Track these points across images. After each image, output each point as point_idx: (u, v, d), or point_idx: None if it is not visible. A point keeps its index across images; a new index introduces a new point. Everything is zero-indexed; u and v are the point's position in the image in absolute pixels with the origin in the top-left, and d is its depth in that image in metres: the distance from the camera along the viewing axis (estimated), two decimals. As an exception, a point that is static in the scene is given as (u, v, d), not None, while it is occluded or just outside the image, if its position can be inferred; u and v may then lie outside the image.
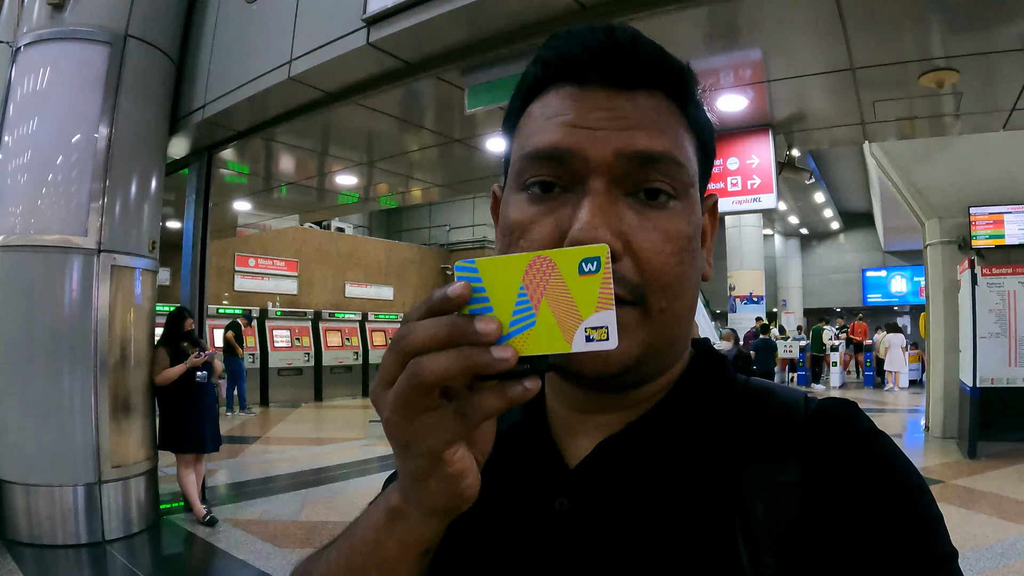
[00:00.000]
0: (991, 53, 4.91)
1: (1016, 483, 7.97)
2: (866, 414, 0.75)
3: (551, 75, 0.74)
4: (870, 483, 0.67)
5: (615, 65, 0.71)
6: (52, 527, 5.82)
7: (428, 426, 0.56)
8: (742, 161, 6.48)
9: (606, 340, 0.53)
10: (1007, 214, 10.63)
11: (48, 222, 5.95)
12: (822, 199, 27.13)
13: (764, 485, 0.68)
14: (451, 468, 0.58)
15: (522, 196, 0.72)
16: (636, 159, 0.68)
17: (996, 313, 9.80)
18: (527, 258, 0.54)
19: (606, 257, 0.53)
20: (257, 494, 8.07)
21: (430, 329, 0.53)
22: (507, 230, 0.73)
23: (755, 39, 4.95)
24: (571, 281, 0.54)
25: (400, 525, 0.63)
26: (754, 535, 0.66)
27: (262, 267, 19.50)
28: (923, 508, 0.67)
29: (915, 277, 29.28)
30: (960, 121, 6.44)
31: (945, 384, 11.14)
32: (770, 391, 0.80)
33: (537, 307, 0.54)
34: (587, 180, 0.68)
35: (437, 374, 0.52)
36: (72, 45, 6.17)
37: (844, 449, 0.70)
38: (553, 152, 0.69)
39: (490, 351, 0.52)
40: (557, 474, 0.77)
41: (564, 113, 0.70)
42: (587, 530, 0.71)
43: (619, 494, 0.72)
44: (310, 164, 8.47)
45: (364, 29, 4.82)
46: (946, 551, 0.65)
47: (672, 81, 0.74)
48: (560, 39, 0.74)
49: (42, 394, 5.85)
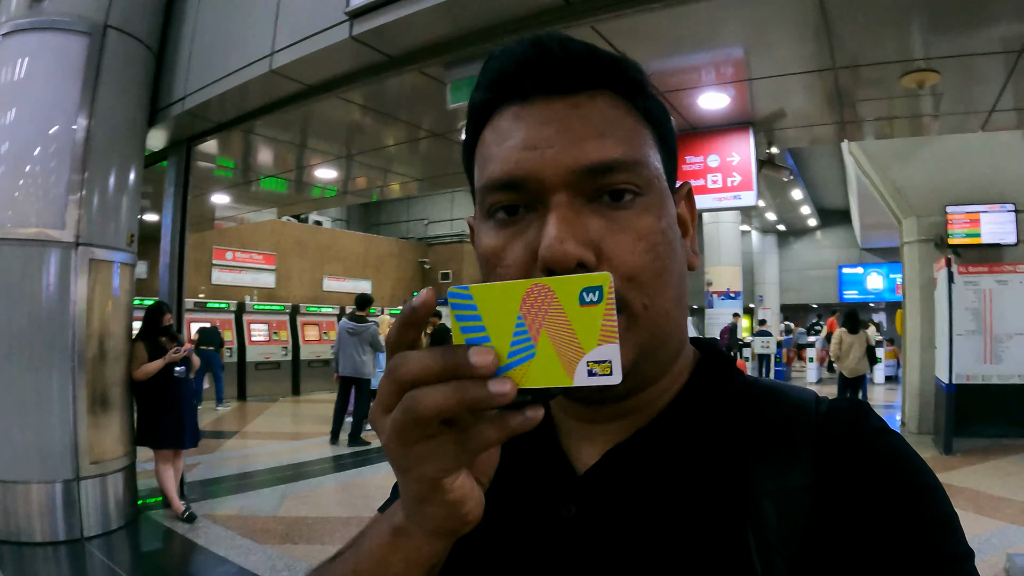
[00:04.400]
0: (971, 55, 4.96)
1: (991, 478, 8.05)
2: (878, 414, 0.75)
3: (494, 96, 0.74)
4: (884, 484, 0.66)
5: (549, 72, 0.70)
6: (30, 524, 5.75)
7: (426, 454, 0.55)
8: (722, 158, 6.51)
9: (609, 375, 0.51)
10: (983, 213, 10.72)
11: (25, 215, 5.88)
12: (800, 196, 27.23)
13: (775, 489, 0.68)
14: (450, 495, 0.57)
15: (489, 224, 0.72)
16: (591, 171, 0.67)
17: (972, 311, 9.94)
18: (524, 285, 0.52)
19: (609, 286, 0.51)
20: (236, 489, 8.04)
21: (424, 360, 0.52)
22: (483, 260, 0.73)
23: (738, 38, 4.97)
24: (571, 311, 0.52)
25: (404, 542, 0.61)
26: (766, 540, 0.65)
27: (240, 260, 19.44)
28: (939, 508, 0.66)
29: (891, 274, 29.53)
30: (939, 121, 6.51)
31: (921, 380, 11.24)
32: (779, 392, 0.79)
33: (536, 338, 0.52)
34: (547, 197, 0.67)
35: (432, 410, 0.51)
36: (51, 35, 6.08)
37: (856, 450, 0.69)
38: (508, 181, 0.69)
39: (487, 385, 0.50)
40: (565, 481, 0.76)
41: (512, 136, 0.70)
42: (595, 537, 0.71)
43: (628, 501, 0.72)
44: (289, 157, 8.43)
45: (347, 22, 4.79)
46: (963, 551, 0.64)
47: (610, 76, 0.73)
48: (494, 59, 0.74)
49: (19, 389, 5.78)
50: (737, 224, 23.14)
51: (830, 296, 32.68)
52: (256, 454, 10.10)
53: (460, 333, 0.54)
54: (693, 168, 6.63)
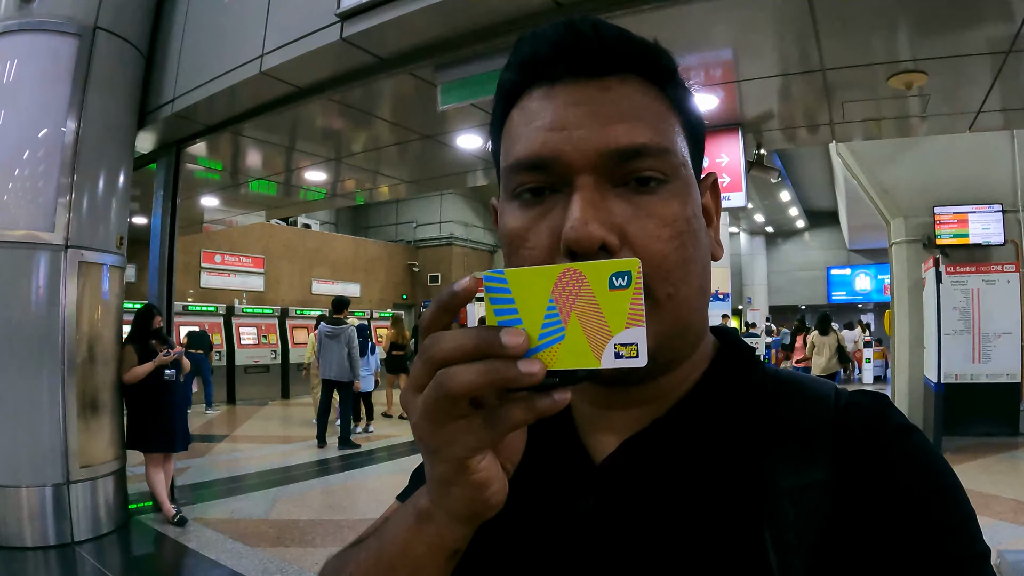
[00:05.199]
0: (959, 56, 4.98)
1: (980, 477, 8.07)
2: (898, 409, 0.74)
3: (524, 78, 0.73)
4: (904, 482, 0.66)
5: (581, 55, 0.70)
6: (19, 528, 5.71)
7: (455, 434, 0.56)
8: (712, 160, 6.51)
9: (635, 357, 0.53)
10: (971, 214, 10.76)
11: (14, 217, 5.84)
12: (788, 197, 27.33)
13: (794, 485, 0.67)
14: (476, 476, 0.58)
15: (514, 204, 0.72)
16: (618, 155, 0.67)
17: (960, 311, 10.00)
18: (556, 270, 0.54)
19: (637, 271, 0.53)
20: (226, 493, 8.01)
21: (457, 339, 0.53)
22: (507, 241, 0.72)
23: (727, 39, 4.98)
24: (601, 295, 0.53)
25: (428, 527, 0.63)
26: (783, 537, 0.65)
27: (228, 263, 19.39)
28: (958, 507, 0.66)
29: (879, 275, 29.61)
30: (927, 122, 6.53)
31: (910, 380, 11.30)
32: (799, 384, 0.79)
33: (566, 320, 0.54)
34: (573, 179, 0.67)
35: (464, 387, 0.52)
36: (40, 37, 6.05)
37: (876, 446, 0.69)
38: (535, 161, 0.69)
39: (517, 365, 0.52)
40: (583, 472, 0.76)
41: (540, 117, 0.70)
42: (613, 528, 0.71)
43: (645, 492, 0.72)
44: (279, 159, 8.40)
45: (338, 24, 4.78)
46: (980, 551, 0.65)
47: (642, 61, 0.72)
48: (525, 41, 0.74)
49: (8, 393, 5.74)
50: (725, 226, 23.21)
51: (818, 297, 32.75)
52: (246, 457, 10.08)
53: (493, 316, 0.55)
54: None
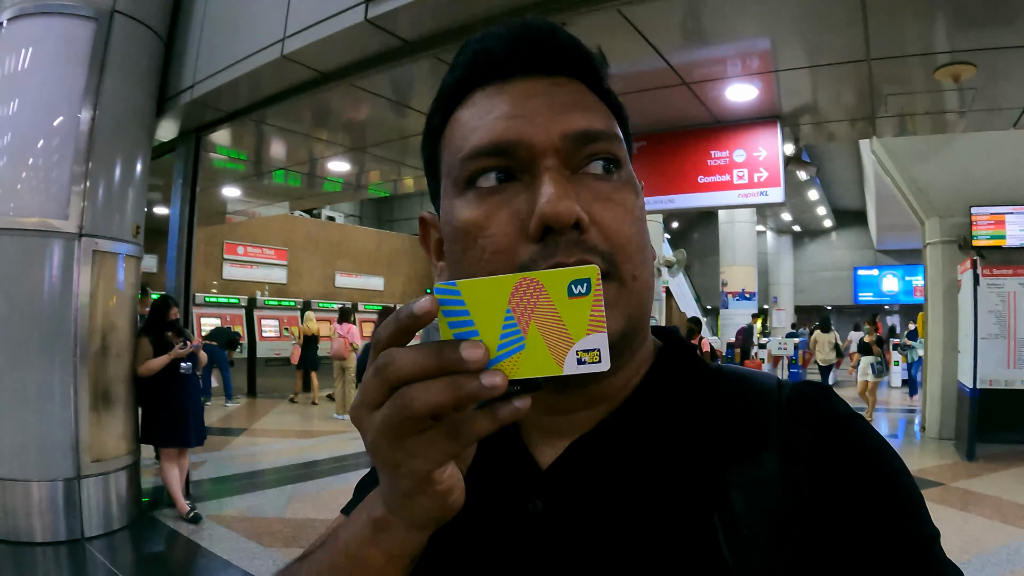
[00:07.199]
0: (1010, 48, 4.84)
1: (1016, 486, 7.89)
2: (841, 398, 0.75)
3: (473, 77, 0.74)
4: (855, 469, 0.67)
5: (537, 52, 0.72)
6: (29, 523, 5.62)
7: (417, 448, 0.54)
8: (749, 153, 6.37)
9: (598, 363, 0.52)
10: (1008, 215, 10.58)
11: (28, 205, 5.74)
12: (815, 196, 27.24)
13: (743, 478, 0.68)
14: (440, 486, 0.58)
15: (468, 196, 0.71)
16: (581, 139, 0.69)
17: (995, 314, 9.76)
18: (512, 279, 0.53)
19: (596, 278, 0.52)
20: (242, 489, 7.92)
21: (416, 358, 0.52)
22: (460, 234, 0.71)
23: (765, 26, 4.84)
24: (560, 303, 0.53)
25: (385, 536, 0.62)
26: (736, 531, 0.65)
27: (251, 255, 19.52)
28: (909, 491, 0.68)
29: (907, 276, 29.42)
30: (967, 118, 6.45)
31: (943, 385, 11.08)
32: (743, 378, 0.79)
33: (526, 330, 0.53)
34: (537, 163, 0.67)
35: (428, 407, 0.51)
36: (56, 20, 5.95)
37: (824, 436, 0.70)
38: (497, 146, 0.68)
39: (480, 378, 0.51)
40: (529, 476, 0.76)
41: (497, 108, 0.70)
42: (562, 532, 0.71)
43: (593, 495, 0.72)
44: (301, 149, 8.31)
45: (362, 5, 4.62)
46: (933, 533, 0.67)
47: (589, 68, 0.75)
48: (475, 42, 0.75)
49: (19, 384, 5.64)
50: (752, 224, 23.12)
51: (845, 298, 32.70)
52: (264, 452, 9.98)
53: (448, 328, 0.54)
54: (718, 163, 6.51)
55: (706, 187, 6.61)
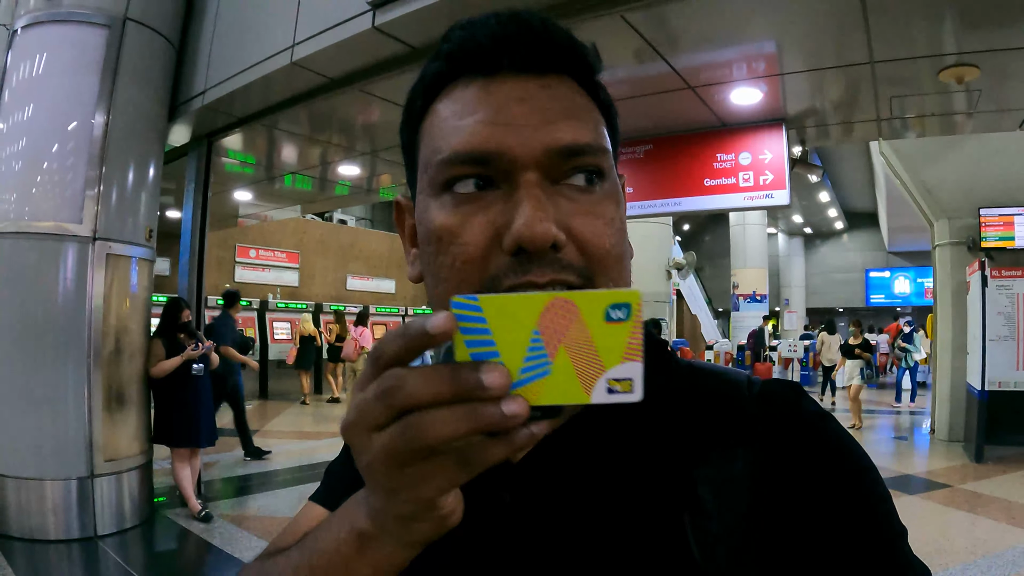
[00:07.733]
0: (1013, 50, 4.83)
1: (1023, 490, 7.84)
2: (811, 396, 0.76)
3: (456, 69, 0.71)
4: (823, 467, 0.68)
5: (528, 51, 0.68)
6: (43, 521, 5.71)
7: (421, 476, 0.50)
8: (754, 156, 6.38)
9: (630, 392, 0.49)
10: (1017, 216, 10.49)
11: (42, 209, 5.83)
12: (826, 198, 27.12)
13: (712, 475, 0.68)
14: (443, 511, 0.54)
15: (444, 199, 0.68)
16: (564, 153, 0.66)
17: (1004, 316, 9.70)
18: (544, 299, 0.49)
19: (638, 304, 0.49)
20: (254, 489, 7.98)
21: (430, 384, 0.47)
22: (432, 237, 0.69)
23: (770, 30, 4.85)
24: (595, 328, 0.49)
25: (373, 551, 0.58)
26: (704, 526, 0.66)
27: (263, 258, 19.53)
28: (878, 489, 0.69)
29: (919, 278, 29.26)
30: (974, 120, 6.41)
31: (952, 386, 11.03)
32: (712, 374, 0.80)
33: (554, 355, 0.49)
34: (517, 175, 0.65)
35: (443, 437, 0.47)
36: (70, 28, 6.04)
37: (793, 434, 0.71)
38: (477, 155, 0.66)
39: (500, 407, 0.47)
40: (499, 468, 0.69)
41: (480, 110, 0.67)
42: (529, 526, 0.71)
43: (563, 489, 0.71)
44: (311, 153, 8.35)
45: (370, 12, 4.68)
46: (900, 530, 0.68)
47: (582, 65, 0.72)
48: (463, 30, 0.71)
49: (34, 385, 5.72)
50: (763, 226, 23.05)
51: (856, 300, 32.50)
52: (276, 453, 10.00)
53: (465, 348, 0.49)
54: (724, 166, 6.52)
55: (712, 190, 6.62)
